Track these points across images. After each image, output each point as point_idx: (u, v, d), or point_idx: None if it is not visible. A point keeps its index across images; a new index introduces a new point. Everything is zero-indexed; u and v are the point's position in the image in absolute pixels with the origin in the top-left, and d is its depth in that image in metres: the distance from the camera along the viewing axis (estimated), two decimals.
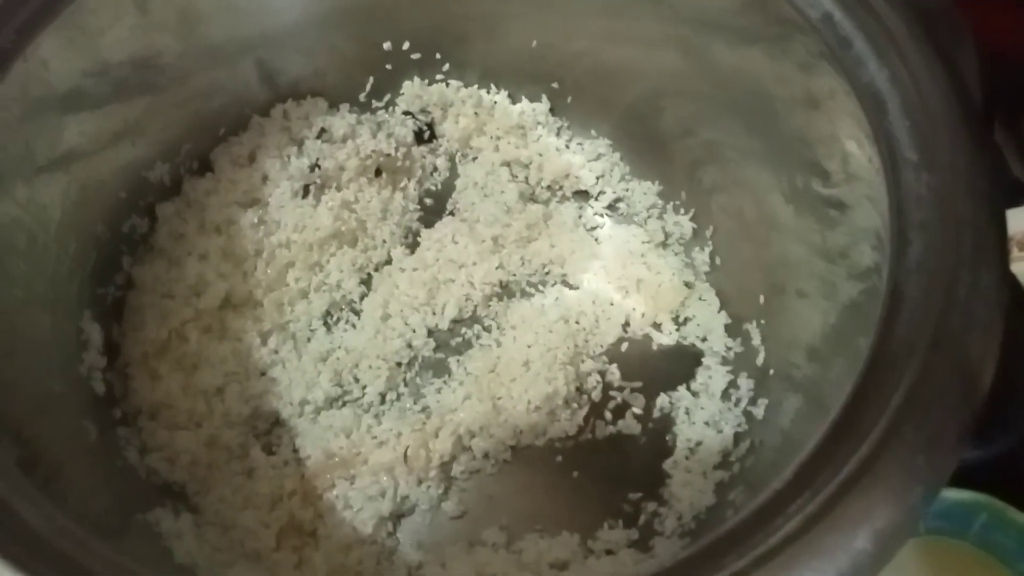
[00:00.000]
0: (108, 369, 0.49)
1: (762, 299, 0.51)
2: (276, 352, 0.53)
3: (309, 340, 0.54)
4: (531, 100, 0.61)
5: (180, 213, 0.55)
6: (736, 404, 0.50)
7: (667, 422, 0.52)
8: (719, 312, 0.54)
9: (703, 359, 0.54)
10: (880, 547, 0.28)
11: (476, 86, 0.60)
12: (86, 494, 0.40)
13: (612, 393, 0.53)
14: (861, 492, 0.29)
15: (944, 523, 0.49)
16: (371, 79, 0.60)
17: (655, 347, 0.55)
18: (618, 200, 0.60)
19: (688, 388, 0.53)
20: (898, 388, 0.31)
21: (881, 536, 0.28)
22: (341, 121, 0.58)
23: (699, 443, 0.50)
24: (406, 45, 0.58)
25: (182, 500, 0.48)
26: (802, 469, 0.31)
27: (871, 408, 0.31)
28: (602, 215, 0.60)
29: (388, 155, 0.57)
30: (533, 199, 0.60)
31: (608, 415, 0.52)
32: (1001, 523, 0.48)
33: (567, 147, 0.61)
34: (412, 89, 0.60)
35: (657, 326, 0.55)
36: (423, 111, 0.61)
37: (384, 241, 0.57)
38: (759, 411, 0.48)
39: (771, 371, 0.49)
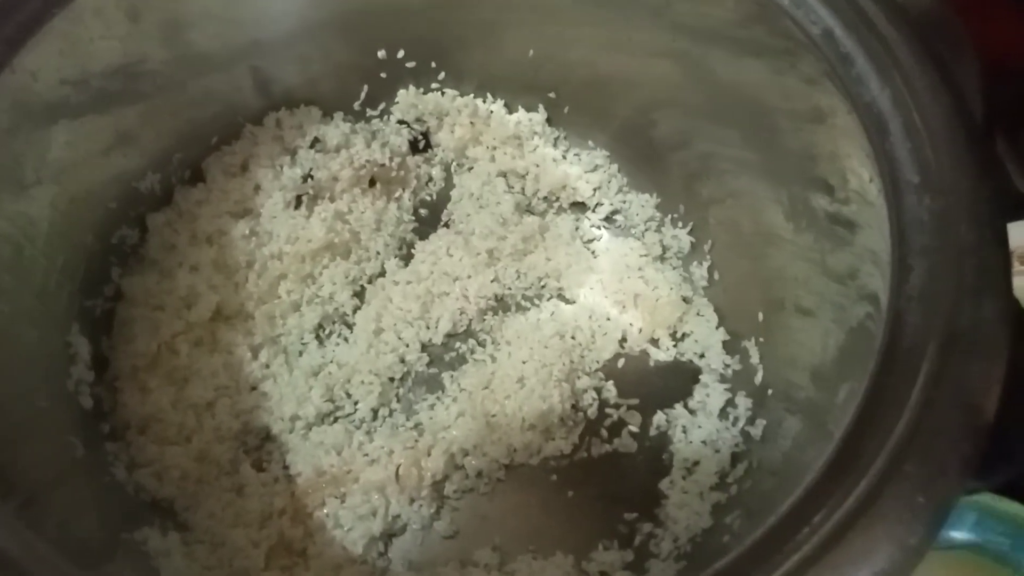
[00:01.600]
0: (96, 383, 0.48)
1: (761, 316, 0.50)
2: (267, 366, 0.52)
3: (301, 354, 0.53)
4: (528, 110, 0.60)
5: (171, 224, 0.54)
6: (734, 423, 0.49)
7: (664, 440, 0.51)
8: (717, 328, 0.54)
9: (701, 376, 0.53)
10: None
11: (472, 95, 0.60)
12: (70, 514, 0.39)
13: (608, 410, 0.52)
14: (861, 531, 0.28)
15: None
16: (366, 87, 0.59)
17: (652, 363, 0.54)
18: (615, 212, 0.59)
19: (685, 406, 0.52)
20: (899, 420, 0.31)
21: None
22: (335, 130, 0.57)
23: (696, 463, 0.49)
24: (401, 53, 0.57)
25: (170, 517, 0.47)
26: (800, 504, 0.30)
27: (872, 441, 0.31)
28: (599, 227, 0.59)
29: (382, 165, 0.57)
30: (529, 210, 0.59)
31: (604, 433, 0.51)
32: (993, 516, 0.46)
33: (564, 158, 0.60)
34: (407, 98, 0.59)
35: (654, 342, 0.55)
36: (418, 120, 0.60)
37: (378, 253, 0.56)
38: (757, 431, 0.47)
39: (770, 391, 0.48)
